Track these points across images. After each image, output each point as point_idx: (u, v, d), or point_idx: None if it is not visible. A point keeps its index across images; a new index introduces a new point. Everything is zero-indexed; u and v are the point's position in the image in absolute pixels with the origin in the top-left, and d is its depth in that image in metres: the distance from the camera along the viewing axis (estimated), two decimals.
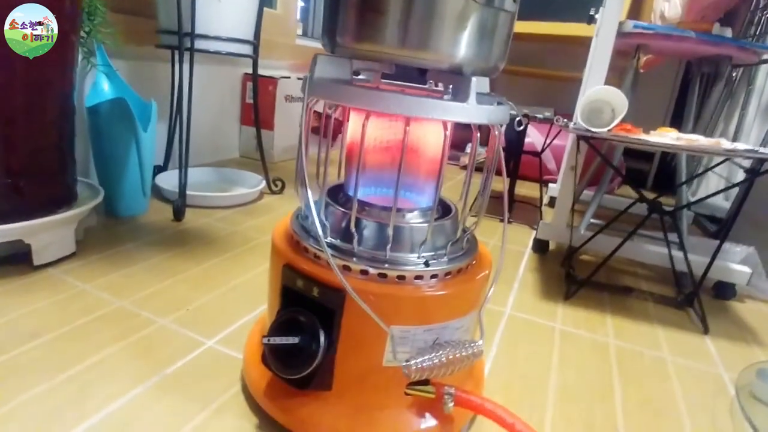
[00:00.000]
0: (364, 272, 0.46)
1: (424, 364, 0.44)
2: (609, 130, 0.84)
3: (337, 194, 0.54)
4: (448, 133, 0.45)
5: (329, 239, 0.49)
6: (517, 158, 1.43)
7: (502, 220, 1.33)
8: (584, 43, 1.40)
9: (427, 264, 0.47)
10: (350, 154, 0.53)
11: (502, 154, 0.51)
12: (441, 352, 0.46)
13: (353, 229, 0.47)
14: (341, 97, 0.43)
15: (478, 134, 0.48)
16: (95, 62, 0.98)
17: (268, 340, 0.45)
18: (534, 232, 1.24)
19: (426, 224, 0.48)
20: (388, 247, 0.46)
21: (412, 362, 0.44)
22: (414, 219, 0.50)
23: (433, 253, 0.49)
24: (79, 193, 0.85)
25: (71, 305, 0.68)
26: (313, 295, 0.46)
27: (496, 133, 0.48)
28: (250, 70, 1.29)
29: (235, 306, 0.73)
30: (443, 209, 0.55)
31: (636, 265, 1.13)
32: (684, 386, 0.68)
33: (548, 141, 1.58)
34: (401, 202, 0.51)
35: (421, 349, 0.46)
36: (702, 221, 1.51)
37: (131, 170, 0.99)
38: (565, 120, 0.91)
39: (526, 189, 1.74)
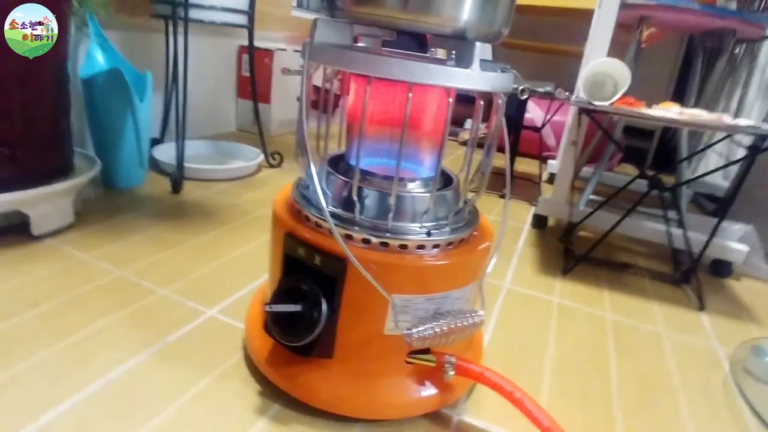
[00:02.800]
0: (366, 241, 0.46)
1: (426, 333, 0.45)
2: (611, 104, 0.83)
3: (338, 164, 0.54)
4: (451, 100, 0.44)
5: (330, 208, 0.48)
6: (516, 133, 1.42)
7: (501, 196, 1.33)
8: (586, 16, 1.37)
9: (429, 234, 0.47)
10: (351, 122, 0.52)
11: (505, 127, 0.50)
12: (442, 321, 0.46)
13: (355, 198, 0.46)
14: (342, 62, 0.42)
15: (482, 103, 0.47)
16: (88, 33, 0.96)
17: (270, 308, 0.45)
18: (533, 208, 1.24)
19: (428, 194, 0.48)
20: (390, 216, 0.46)
21: (414, 331, 0.44)
22: (416, 189, 0.50)
23: (435, 223, 0.48)
24: (76, 164, 0.84)
25: (71, 274, 0.68)
26: (314, 264, 0.46)
27: (499, 101, 0.47)
28: (245, 42, 1.27)
29: (235, 277, 0.73)
30: (445, 180, 0.55)
31: (634, 242, 1.13)
32: (678, 360, 0.69)
33: (548, 116, 1.57)
34: (403, 172, 0.50)
35: (423, 318, 0.46)
36: (701, 200, 1.52)
37: (128, 141, 0.98)
38: (567, 93, 0.90)
39: (525, 165, 1.73)
